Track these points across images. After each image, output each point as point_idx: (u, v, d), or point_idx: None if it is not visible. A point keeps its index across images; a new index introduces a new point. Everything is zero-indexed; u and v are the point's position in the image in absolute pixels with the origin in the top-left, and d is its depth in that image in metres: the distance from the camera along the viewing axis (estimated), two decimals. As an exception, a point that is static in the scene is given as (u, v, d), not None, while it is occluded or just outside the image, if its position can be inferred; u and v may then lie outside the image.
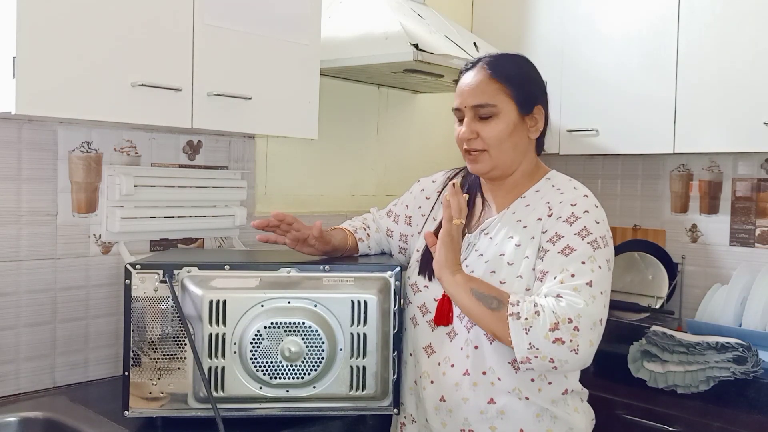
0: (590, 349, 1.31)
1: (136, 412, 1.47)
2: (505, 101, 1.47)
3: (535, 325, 1.29)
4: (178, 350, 1.48)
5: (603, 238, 1.40)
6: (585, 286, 1.32)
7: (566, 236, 1.39)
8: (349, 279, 1.51)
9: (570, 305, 1.29)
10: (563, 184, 1.51)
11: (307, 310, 1.47)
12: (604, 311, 1.34)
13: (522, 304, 1.32)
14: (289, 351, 1.44)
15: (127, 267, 1.46)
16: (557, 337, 1.28)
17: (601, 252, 1.38)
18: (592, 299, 1.31)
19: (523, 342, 1.30)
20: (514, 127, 1.48)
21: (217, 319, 1.45)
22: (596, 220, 1.41)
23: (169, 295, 1.46)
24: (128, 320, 1.46)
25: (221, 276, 1.48)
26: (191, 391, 1.47)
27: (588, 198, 1.46)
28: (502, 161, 1.50)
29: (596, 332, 1.31)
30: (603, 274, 1.36)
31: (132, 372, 1.46)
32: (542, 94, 1.54)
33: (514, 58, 1.54)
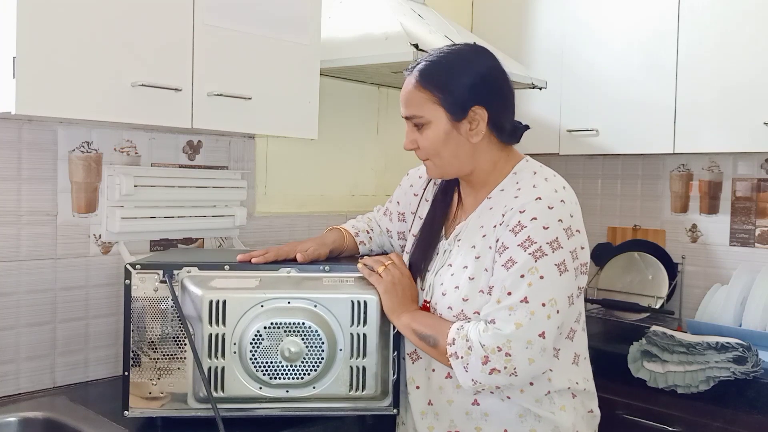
0: (531, 367, 1.31)
1: (136, 412, 1.47)
2: (433, 109, 1.41)
3: (471, 361, 1.32)
4: (177, 350, 1.47)
5: (552, 242, 1.33)
6: (520, 304, 1.31)
7: (510, 247, 1.35)
8: (348, 279, 1.51)
9: (495, 334, 1.30)
10: (526, 180, 1.44)
11: (306, 310, 1.46)
12: (547, 323, 1.31)
13: (457, 342, 1.35)
14: (289, 351, 1.43)
15: (127, 267, 1.46)
16: (492, 368, 1.31)
17: (546, 260, 1.32)
18: (529, 316, 1.30)
19: (466, 379, 1.34)
20: (447, 135, 1.42)
21: (217, 320, 1.44)
22: (545, 225, 1.34)
23: (168, 295, 1.46)
24: (128, 320, 1.46)
25: (221, 276, 1.48)
26: (191, 391, 1.47)
27: (541, 200, 1.36)
28: (447, 169, 1.48)
29: (534, 349, 1.30)
30: (546, 283, 1.32)
31: (132, 372, 1.46)
32: (482, 93, 1.42)
33: (449, 59, 1.44)
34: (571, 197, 1.42)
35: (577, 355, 1.47)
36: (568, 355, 1.44)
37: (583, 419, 1.47)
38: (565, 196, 1.39)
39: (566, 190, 1.42)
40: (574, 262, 1.36)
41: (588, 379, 1.50)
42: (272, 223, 2.22)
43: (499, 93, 1.45)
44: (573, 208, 1.39)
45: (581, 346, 1.48)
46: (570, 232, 1.36)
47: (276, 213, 2.25)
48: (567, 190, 1.42)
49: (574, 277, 1.36)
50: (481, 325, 1.33)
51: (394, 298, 1.46)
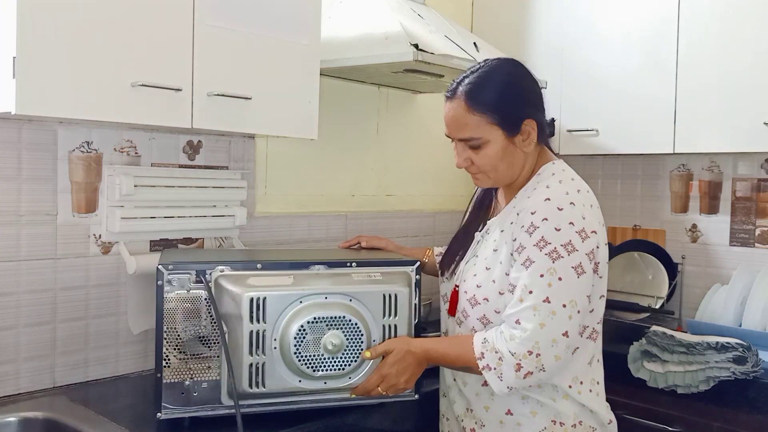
0: (557, 363, 1.39)
1: (169, 413, 1.48)
2: (490, 129, 1.47)
3: (504, 371, 1.39)
4: (211, 349, 1.50)
5: (567, 245, 1.38)
6: (543, 304, 1.37)
7: (527, 247, 1.41)
8: (375, 274, 1.59)
9: (522, 340, 1.37)
10: (543, 181, 1.50)
11: (343, 304, 1.52)
12: (569, 323, 1.38)
13: (486, 355, 1.41)
14: (331, 344, 1.48)
15: (159, 268, 1.47)
16: (526, 372, 1.38)
17: (563, 262, 1.38)
18: (551, 316, 1.37)
19: (502, 387, 1.41)
20: (504, 151, 1.49)
21: (258, 317, 1.47)
22: (556, 226, 1.39)
23: (201, 294, 1.49)
24: (161, 321, 1.47)
25: (255, 275, 1.52)
26: (224, 389, 1.50)
27: (549, 201, 1.42)
28: (501, 178, 1.54)
29: (559, 347, 1.38)
30: (565, 285, 1.38)
31: (164, 373, 1.47)
32: (530, 105, 1.52)
33: (493, 78, 1.50)
34: (584, 200, 1.46)
35: (595, 357, 1.53)
36: (585, 355, 1.50)
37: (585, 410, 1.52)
38: (575, 199, 1.44)
39: (581, 194, 1.46)
40: (592, 264, 1.42)
41: (598, 381, 1.55)
42: (272, 223, 2.22)
43: (539, 99, 1.54)
44: (586, 210, 1.44)
45: (597, 350, 1.54)
46: (584, 234, 1.40)
47: (276, 213, 2.25)
48: (581, 194, 1.46)
49: (591, 278, 1.42)
50: (506, 333, 1.40)
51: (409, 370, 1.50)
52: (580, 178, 1.54)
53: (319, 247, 2.36)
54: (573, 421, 1.48)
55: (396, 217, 2.65)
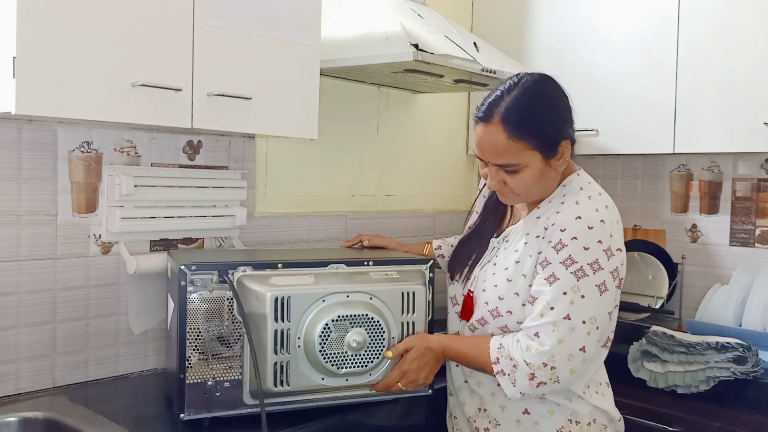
0: (572, 376, 1.42)
1: (192, 414, 1.48)
2: (529, 155, 1.45)
3: (518, 378, 1.42)
4: (231, 349, 1.51)
5: (593, 263, 1.40)
6: (563, 321, 1.39)
7: (552, 263, 1.42)
8: (392, 272, 1.64)
9: (538, 352, 1.39)
10: (571, 196, 1.50)
11: (364, 302, 1.56)
12: (587, 339, 1.40)
13: (501, 360, 1.44)
14: (355, 342, 1.51)
15: (182, 269, 1.48)
16: (539, 382, 1.41)
17: (587, 280, 1.40)
18: (570, 332, 1.39)
19: (514, 392, 1.44)
20: (541, 173, 1.47)
21: (282, 316, 1.49)
22: (585, 245, 1.40)
23: (224, 294, 1.50)
24: (183, 322, 1.48)
25: (277, 274, 1.54)
26: (247, 389, 1.51)
27: (581, 220, 1.42)
28: (532, 197, 1.54)
29: (575, 361, 1.40)
30: (587, 302, 1.40)
31: (187, 373, 1.48)
32: (566, 125, 1.50)
33: (532, 102, 1.46)
34: (611, 216, 1.46)
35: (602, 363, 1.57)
36: (598, 362, 1.53)
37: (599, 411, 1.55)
38: (605, 216, 1.44)
39: (608, 209, 1.47)
40: (615, 281, 1.43)
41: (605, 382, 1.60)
42: (272, 223, 2.22)
43: (570, 117, 1.52)
44: (613, 227, 1.45)
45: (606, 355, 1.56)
46: (610, 253, 1.42)
47: (276, 213, 2.25)
48: (609, 210, 1.47)
49: (614, 294, 1.44)
50: (522, 343, 1.42)
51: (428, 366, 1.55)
52: (604, 191, 1.54)
53: (319, 246, 2.36)
54: (588, 419, 1.52)
55: (396, 217, 2.65)
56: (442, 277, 1.81)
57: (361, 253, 1.82)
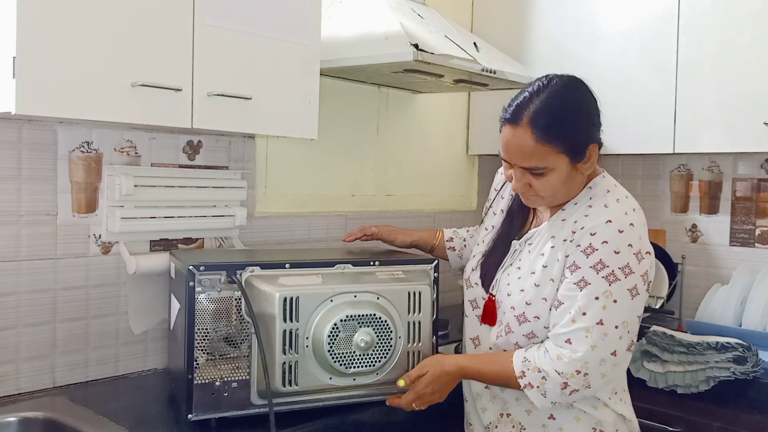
0: (603, 381, 1.41)
1: (200, 415, 1.48)
2: (556, 158, 1.43)
3: (548, 389, 1.40)
4: (237, 349, 1.51)
5: (624, 267, 1.39)
6: (596, 327, 1.38)
7: (582, 267, 1.41)
8: (398, 272, 1.65)
9: (571, 360, 1.38)
10: (598, 199, 1.48)
11: (372, 302, 1.56)
12: (619, 343, 1.39)
13: (528, 374, 1.42)
14: (363, 342, 1.52)
15: (190, 269, 1.48)
16: (572, 390, 1.40)
17: (619, 285, 1.38)
18: (603, 337, 1.37)
19: (545, 402, 1.42)
20: (567, 176, 1.46)
21: (291, 316, 1.50)
22: (615, 249, 1.39)
23: (232, 295, 1.50)
24: (191, 322, 1.48)
25: (285, 274, 1.55)
26: (255, 389, 1.51)
27: (611, 224, 1.41)
28: (557, 201, 1.52)
29: (606, 365, 1.39)
30: (619, 307, 1.38)
31: (195, 374, 1.48)
32: (595, 129, 1.49)
33: (562, 105, 1.45)
34: (639, 219, 1.46)
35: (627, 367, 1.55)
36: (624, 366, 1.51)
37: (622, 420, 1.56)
38: (634, 219, 1.43)
39: (636, 212, 1.46)
40: (645, 284, 1.42)
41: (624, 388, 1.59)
42: (272, 223, 2.22)
43: (599, 121, 1.51)
44: (641, 230, 1.44)
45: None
46: (640, 256, 1.41)
47: (276, 213, 2.25)
48: (637, 213, 1.46)
49: (644, 297, 1.43)
50: (552, 352, 1.40)
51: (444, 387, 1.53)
52: (629, 194, 1.53)
53: (319, 247, 2.36)
54: (612, 428, 1.50)
55: (396, 217, 2.65)
56: (447, 277, 1.82)
57: (371, 254, 1.81)
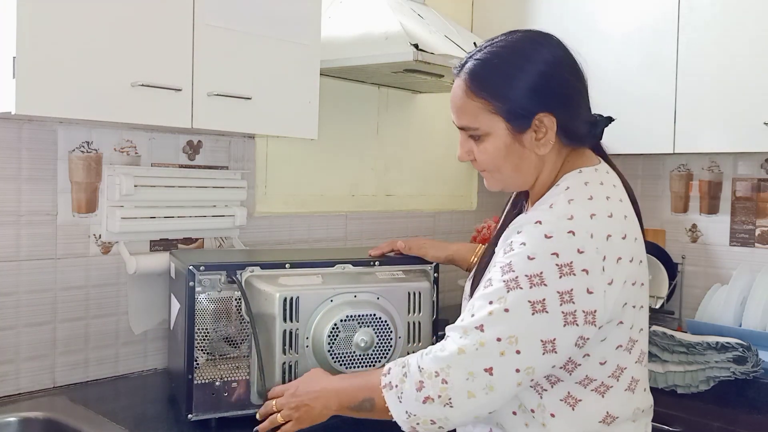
0: (470, 402, 1.13)
1: (200, 415, 1.48)
2: (490, 120, 1.21)
3: (405, 389, 1.17)
4: (238, 349, 1.51)
5: (533, 276, 1.12)
6: (474, 330, 1.13)
7: (496, 266, 1.18)
8: (398, 272, 1.65)
9: (435, 357, 1.15)
10: (551, 198, 1.23)
11: (372, 302, 1.56)
12: (498, 360, 1.12)
13: (393, 370, 1.21)
14: (363, 342, 1.51)
15: (190, 269, 1.48)
16: (425, 396, 1.14)
17: (518, 294, 1.12)
18: (477, 345, 1.12)
19: (401, 413, 1.18)
20: (508, 149, 1.22)
21: (291, 316, 1.50)
22: (530, 255, 1.13)
23: (232, 295, 1.50)
24: (191, 322, 1.48)
25: (285, 274, 1.55)
26: (255, 389, 1.51)
27: (540, 225, 1.15)
28: (508, 182, 1.29)
29: (476, 383, 1.12)
30: (510, 319, 1.12)
31: (195, 374, 1.48)
32: (548, 96, 1.21)
33: (501, 56, 1.22)
34: (596, 229, 1.15)
35: (611, 415, 1.22)
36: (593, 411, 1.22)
37: None
38: (577, 227, 1.14)
39: (594, 218, 1.16)
40: (564, 306, 1.12)
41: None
42: (272, 223, 2.22)
43: (569, 92, 1.24)
44: (590, 243, 1.14)
45: (619, 406, 1.23)
46: (566, 270, 1.12)
47: (276, 213, 2.25)
48: (596, 219, 1.16)
49: (560, 322, 1.12)
50: (428, 348, 1.20)
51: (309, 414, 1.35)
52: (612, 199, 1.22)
53: (319, 247, 2.36)
54: None
55: (396, 217, 2.65)
56: (447, 277, 1.82)
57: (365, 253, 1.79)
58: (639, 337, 1.24)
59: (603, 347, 1.19)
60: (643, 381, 1.28)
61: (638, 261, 1.21)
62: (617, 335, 1.20)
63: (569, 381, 1.21)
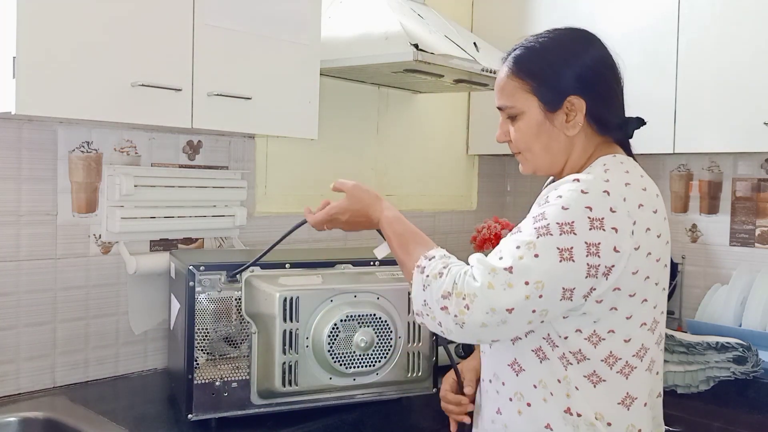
0: (480, 330, 1.17)
1: (200, 415, 1.49)
2: (526, 99, 1.31)
3: (433, 285, 1.21)
4: (237, 349, 1.51)
5: (564, 224, 1.16)
6: (503, 271, 1.16)
7: (529, 216, 1.23)
8: (398, 273, 1.62)
9: (469, 283, 1.18)
10: (588, 169, 1.30)
11: (372, 302, 1.57)
12: (521, 302, 1.15)
13: (433, 261, 1.24)
14: (363, 342, 1.52)
15: (190, 269, 1.49)
16: (444, 306, 1.19)
17: (548, 240, 1.16)
18: (505, 286, 1.15)
19: (420, 296, 1.24)
20: (539, 127, 1.30)
21: (291, 316, 1.50)
22: (565, 205, 1.18)
23: (232, 295, 1.51)
24: (192, 322, 1.48)
25: (285, 274, 1.55)
26: (255, 389, 1.52)
27: (577, 183, 1.21)
28: (539, 164, 1.35)
29: (494, 318, 1.16)
30: (539, 265, 1.15)
31: (195, 374, 1.48)
32: (580, 81, 1.29)
33: (545, 44, 1.33)
34: (628, 194, 1.22)
35: (630, 396, 1.25)
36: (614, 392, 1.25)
37: None
38: (615, 189, 1.20)
39: (628, 187, 1.23)
40: (590, 258, 1.16)
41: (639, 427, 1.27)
42: (272, 223, 2.22)
43: (602, 82, 1.32)
44: (623, 205, 1.19)
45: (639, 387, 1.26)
46: (597, 224, 1.16)
47: (276, 213, 2.25)
48: (630, 188, 1.23)
49: (583, 273, 1.16)
50: (466, 268, 1.21)
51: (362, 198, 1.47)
52: (646, 178, 1.32)
53: (319, 247, 2.36)
54: None
55: (396, 217, 2.65)
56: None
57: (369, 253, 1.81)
58: (661, 318, 1.28)
59: (629, 325, 1.23)
60: (658, 363, 1.31)
61: (665, 240, 1.27)
62: (642, 313, 1.24)
63: (595, 358, 1.23)
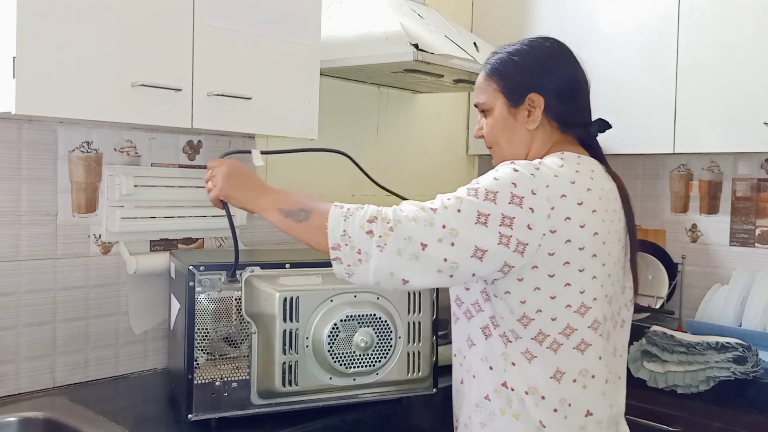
0: (395, 259, 1.23)
1: (200, 415, 1.49)
2: (494, 96, 1.45)
3: (356, 214, 1.27)
4: (237, 349, 1.51)
5: (489, 192, 1.25)
6: (429, 210, 1.27)
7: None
8: None
9: (395, 211, 1.28)
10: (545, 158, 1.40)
11: (372, 302, 1.58)
12: (435, 244, 1.23)
13: (350, 205, 1.31)
14: (363, 342, 1.52)
15: (190, 269, 1.49)
16: (370, 230, 1.25)
17: (473, 201, 1.26)
18: (426, 223, 1.25)
19: (338, 228, 1.26)
20: (505, 122, 1.44)
21: (291, 316, 1.51)
22: (496, 176, 1.28)
23: (232, 295, 1.51)
24: (191, 322, 1.48)
25: (285, 274, 1.55)
26: (255, 389, 1.51)
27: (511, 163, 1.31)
28: (504, 156, 1.45)
29: (409, 247, 1.23)
30: (458, 218, 1.24)
31: (195, 374, 1.48)
32: (543, 79, 1.41)
33: (519, 49, 1.46)
34: (554, 182, 1.29)
35: (560, 371, 1.32)
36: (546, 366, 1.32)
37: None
38: (539, 174, 1.28)
39: (557, 178, 1.30)
40: (503, 228, 1.24)
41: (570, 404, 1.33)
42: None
43: (563, 83, 1.43)
44: (545, 190, 1.27)
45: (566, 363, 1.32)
46: (517, 201, 1.25)
47: (276, 213, 2.24)
48: (558, 179, 1.30)
49: (495, 239, 1.24)
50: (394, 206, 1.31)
51: (239, 184, 1.39)
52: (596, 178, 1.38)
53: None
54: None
55: (396, 217, 2.65)
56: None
57: None
58: (593, 305, 1.33)
59: (554, 305, 1.31)
60: (597, 348, 1.35)
61: (593, 232, 1.32)
62: (566, 296, 1.31)
63: (526, 337, 1.32)
